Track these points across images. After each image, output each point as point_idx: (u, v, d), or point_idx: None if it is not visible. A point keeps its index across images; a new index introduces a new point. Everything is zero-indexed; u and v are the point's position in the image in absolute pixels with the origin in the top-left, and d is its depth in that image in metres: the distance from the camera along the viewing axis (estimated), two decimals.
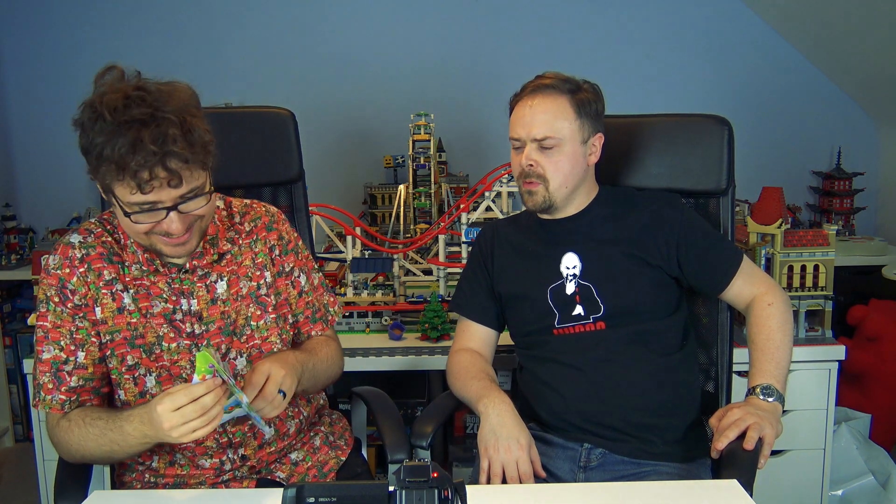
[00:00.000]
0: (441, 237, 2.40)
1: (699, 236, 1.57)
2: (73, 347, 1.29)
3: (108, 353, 1.32)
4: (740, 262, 1.57)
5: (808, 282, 2.13)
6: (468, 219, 2.40)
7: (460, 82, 3.37)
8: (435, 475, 0.93)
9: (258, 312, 1.39)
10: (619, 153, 1.75)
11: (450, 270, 2.49)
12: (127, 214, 1.20)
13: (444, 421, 1.64)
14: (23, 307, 3.20)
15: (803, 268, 2.13)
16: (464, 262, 2.39)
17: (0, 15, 3.33)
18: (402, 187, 2.72)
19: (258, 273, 1.40)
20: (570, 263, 1.57)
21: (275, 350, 1.40)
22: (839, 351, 2.12)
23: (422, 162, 2.74)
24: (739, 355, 1.81)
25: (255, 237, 1.42)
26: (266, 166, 1.82)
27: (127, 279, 1.32)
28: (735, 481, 1.24)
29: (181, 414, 1.11)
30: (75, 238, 1.32)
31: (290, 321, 1.46)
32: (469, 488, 0.98)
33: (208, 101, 1.28)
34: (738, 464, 1.33)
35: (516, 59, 3.38)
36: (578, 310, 1.54)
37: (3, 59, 3.37)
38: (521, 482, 1.40)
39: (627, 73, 3.40)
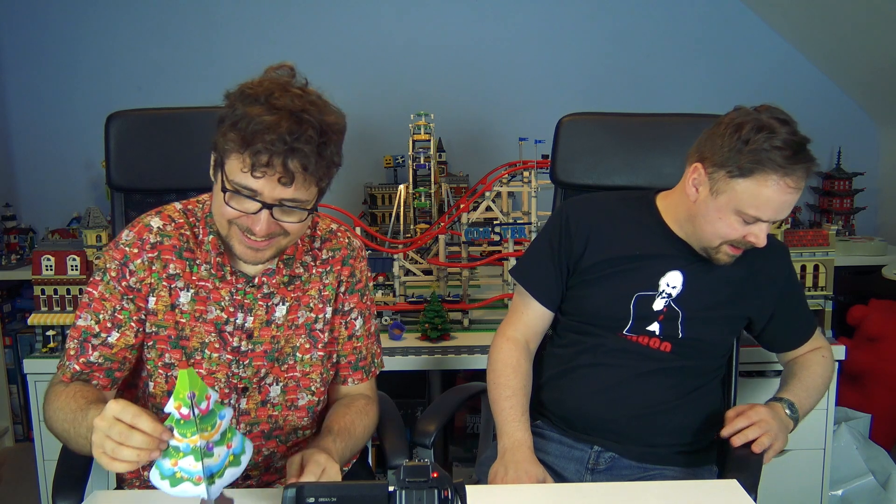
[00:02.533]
0: (441, 237, 2.40)
1: (796, 300, 1.55)
2: (109, 325, 1.26)
3: (150, 343, 1.29)
4: (815, 328, 1.58)
5: (808, 282, 2.13)
6: (468, 219, 2.39)
7: (460, 82, 3.37)
8: (435, 475, 0.94)
9: (307, 346, 1.35)
10: (630, 152, 1.75)
11: (450, 270, 2.49)
12: (224, 191, 1.17)
13: (447, 420, 1.64)
14: (23, 307, 3.20)
15: (803, 268, 2.13)
16: (464, 262, 2.39)
17: (0, 15, 3.34)
18: (402, 187, 2.72)
19: (320, 306, 1.36)
20: (672, 282, 1.49)
21: (312, 388, 1.36)
22: (839, 351, 2.12)
23: (422, 162, 2.74)
24: (746, 355, 1.81)
25: (328, 268, 1.37)
26: None
27: (192, 278, 1.28)
28: (735, 481, 1.24)
29: (111, 426, 0.97)
30: (156, 222, 1.29)
31: (333, 360, 1.41)
32: (469, 488, 0.98)
33: (208, 101, 1.28)
34: (743, 469, 1.34)
35: (516, 59, 3.38)
36: (655, 327, 1.48)
37: (3, 59, 3.37)
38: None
39: (627, 74, 3.40)
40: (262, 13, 3.34)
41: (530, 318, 1.59)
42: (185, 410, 0.93)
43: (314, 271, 1.36)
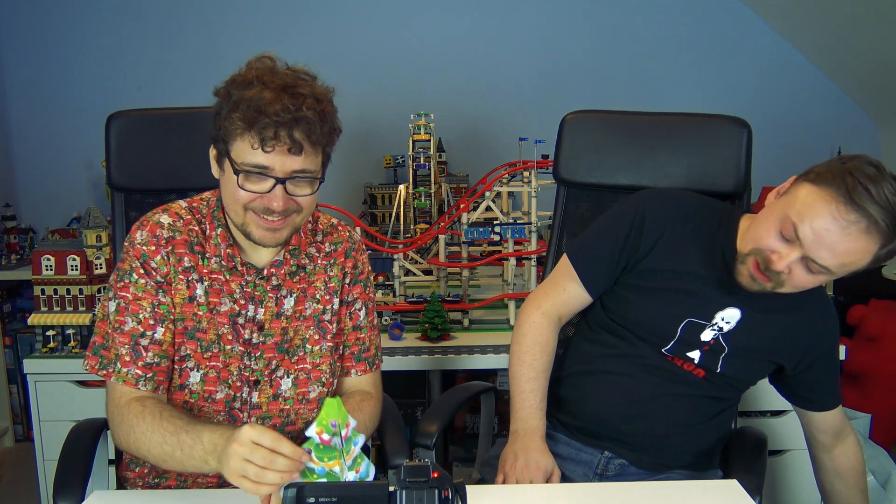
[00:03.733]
0: (441, 237, 2.40)
1: (832, 366, 1.51)
2: (152, 322, 1.27)
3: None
4: (841, 402, 1.53)
5: None
6: (468, 219, 2.39)
7: (460, 82, 3.37)
8: (435, 475, 0.94)
9: (316, 337, 1.37)
10: (636, 151, 1.74)
11: (450, 270, 2.49)
12: (237, 172, 1.20)
13: (448, 420, 1.63)
14: (23, 307, 3.20)
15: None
16: (464, 262, 2.39)
17: (1, 15, 3.34)
18: (402, 187, 2.72)
19: (327, 298, 1.38)
20: (728, 318, 1.41)
21: (322, 379, 1.38)
22: (839, 351, 2.12)
23: (422, 162, 2.74)
24: None
25: (332, 260, 1.40)
26: None
27: (204, 271, 1.30)
28: (735, 481, 1.24)
29: (252, 451, 1.02)
30: (165, 219, 1.31)
31: (340, 352, 1.43)
32: (469, 488, 0.98)
33: (208, 101, 1.27)
34: (747, 471, 1.34)
35: (517, 59, 3.38)
36: (696, 354, 1.43)
37: (3, 59, 3.37)
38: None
39: (627, 74, 3.40)
40: (262, 13, 3.34)
41: (570, 297, 1.52)
42: (326, 436, 1.02)
43: (319, 262, 1.39)
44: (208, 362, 1.30)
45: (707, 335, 1.42)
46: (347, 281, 1.41)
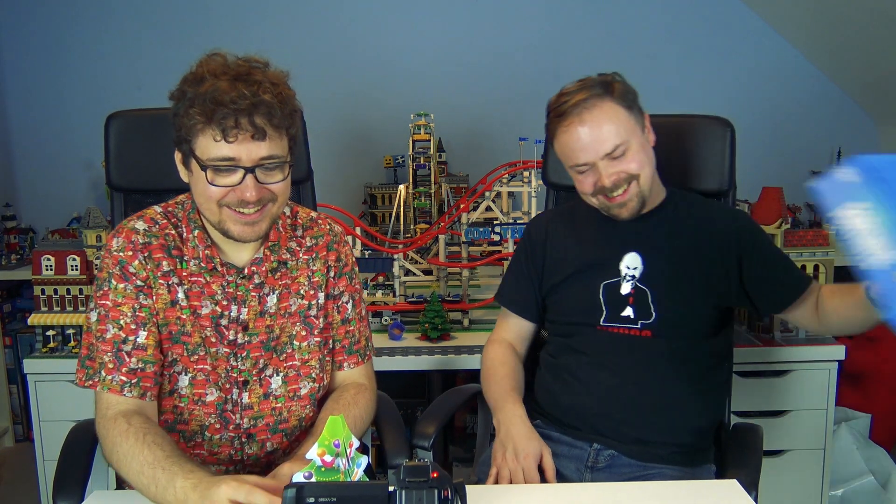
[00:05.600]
0: (441, 237, 2.40)
1: (769, 258, 1.52)
2: (133, 326, 1.25)
3: None
4: (809, 281, 1.51)
5: None
6: (468, 219, 2.39)
7: (460, 82, 3.37)
8: (435, 475, 0.93)
9: (303, 333, 1.36)
10: None
11: (450, 270, 2.49)
12: (204, 169, 1.19)
13: (446, 421, 1.64)
14: (23, 307, 3.20)
15: (803, 268, 2.13)
16: (464, 262, 2.39)
17: (0, 15, 3.34)
18: (402, 187, 2.72)
19: (312, 292, 1.37)
20: (632, 264, 1.52)
21: (313, 375, 1.37)
22: (839, 351, 2.12)
23: (422, 162, 2.74)
24: (746, 355, 1.78)
25: (314, 255, 1.39)
26: None
27: (184, 274, 1.29)
28: (735, 481, 1.24)
29: None
30: (140, 225, 1.30)
31: (330, 346, 1.42)
32: (469, 488, 0.98)
33: None
34: (742, 466, 1.34)
35: (516, 59, 3.38)
36: (628, 312, 1.50)
37: (3, 59, 3.37)
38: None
39: (627, 74, 3.37)
40: (262, 13, 3.34)
41: (511, 326, 1.68)
42: (328, 458, 1.00)
43: (301, 257, 1.38)
44: (195, 365, 1.29)
45: (625, 288, 1.51)
46: (332, 274, 1.40)
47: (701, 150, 1.73)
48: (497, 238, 2.34)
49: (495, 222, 2.38)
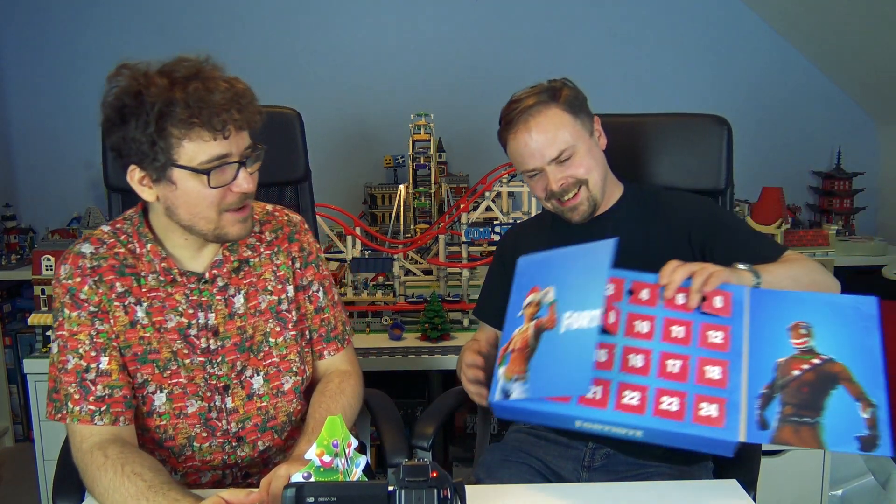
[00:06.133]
0: (441, 237, 2.40)
1: (732, 228, 1.51)
2: (93, 353, 1.23)
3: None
4: (781, 251, 1.48)
5: None
6: (468, 219, 2.40)
7: (460, 82, 3.37)
8: (434, 475, 0.93)
9: (277, 329, 1.34)
10: (619, 152, 1.75)
11: (450, 270, 2.49)
12: (206, 173, 1.15)
13: (445, 421, 1.64)
14: (23, 307, 3.20)
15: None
16: (464, 262, 2.39)
17: (0, 15, 3.34)
18: (402, 187, 2.72)
19: (279, 287, 1.35)
20: None
21: (294, 368, 1.36)
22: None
23: (422, 162, 2.74)
24: None
25: (276, 248, 1.37)
26: (273, 166, 1.78)
27: (143, 290, 1.26)
28: (735, 481, 1.24)
29: None
30: (87, 248, 1.26)
31: (307, 337, 1.41)
32: (469, 488, 0.98)
33: None
34: (740, 465, 1.33)
35: (516, 58, 3.38)
36: None
37: (3, 60, 3.37)
38: (477, 381, 1.46)
39: (628, 74, 3.40)
40: (262, 14, 3.34)
41: (491, 338, 1.67)
42: (327, 458, 1.00)
43: (262, 252, 1.36)
44: (170, 381, 1.27)
45: None
46: (298, 265, 1.39)
47: (697, 149, 1.73)
48: (497, 238, 2.34)
49: (495, 222, 2.38)
